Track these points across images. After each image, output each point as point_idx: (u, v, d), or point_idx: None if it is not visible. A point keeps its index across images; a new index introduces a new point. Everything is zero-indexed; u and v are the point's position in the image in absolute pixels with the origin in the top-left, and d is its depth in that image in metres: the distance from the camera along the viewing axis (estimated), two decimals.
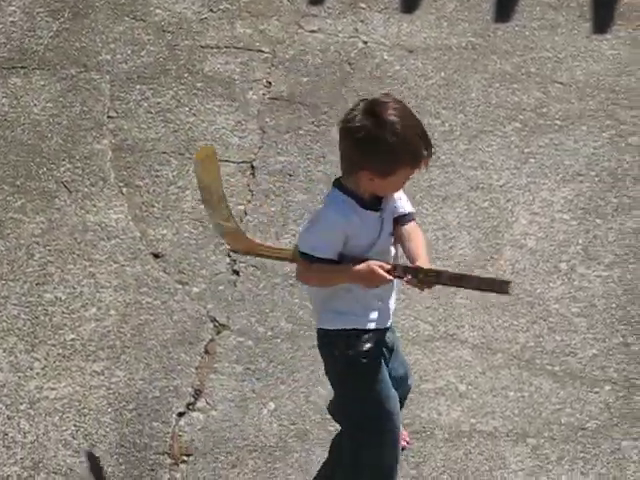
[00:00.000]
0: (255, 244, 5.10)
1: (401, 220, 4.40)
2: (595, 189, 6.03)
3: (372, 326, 4.40)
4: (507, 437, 5.28)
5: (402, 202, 4.45)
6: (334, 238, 4.21)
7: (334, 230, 4.21)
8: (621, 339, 5.60)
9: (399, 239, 4.39)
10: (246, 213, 6.04)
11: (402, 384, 4.74)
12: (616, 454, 5.20)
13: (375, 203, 4.25)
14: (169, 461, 5.08)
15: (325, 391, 5.27)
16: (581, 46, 6.65)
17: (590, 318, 5.63)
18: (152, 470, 5.07)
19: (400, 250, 4.39)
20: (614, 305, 5.70)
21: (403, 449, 4.87)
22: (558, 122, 6.28)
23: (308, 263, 4.25)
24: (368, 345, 4.42)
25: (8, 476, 5.05)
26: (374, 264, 4.16)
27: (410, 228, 4.41)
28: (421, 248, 4.36)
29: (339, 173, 5.29)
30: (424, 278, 4.19)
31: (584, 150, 6.17)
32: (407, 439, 5.04)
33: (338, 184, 4.28)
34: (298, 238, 4.38)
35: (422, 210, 5.99)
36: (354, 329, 4.39)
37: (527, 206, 5.98)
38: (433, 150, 4.17)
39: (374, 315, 4.40)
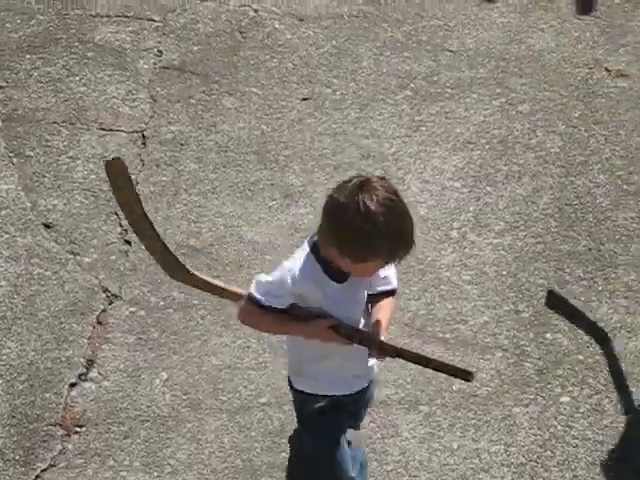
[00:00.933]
0: (197, 278, 4.79)
1: (379, 297, 4.24)
2: (485, 157, 6.09)
3: (327, 392, 4.31)
4: (399, 405, 5.33)
5: (387, 279, 4.26)
6: (288, 293, 4.07)
7: (291, 287, 4.05)
8: (511, 306, 5.68)
9: (371, 309, 4.25)
10: (137, 182, 5.93)
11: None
12: (507, 420, 5.30)
13: (344, 275, 4.06)
14: (61, 432, 5.10)
15: (218, 361, 5.35)
16: (471, 14, 6.73)
17: (481, 285, 5.70)
18: (44, 441, 5.09)
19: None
20: (505, 272, 5.78)
21: None
22: (449, 90, 6.33)
23: (257, 307, 4.10)
24: (320, 405, 4.37)
25: None
26: (324, 323, 4.05)
27: (385, 302, 4.26)
28: (382, 313, 4.20)
29: (230, 143, 5.99)
30: (382, 349, 4.09)
31: (475, 118, 6.24)
32: None
33: (313, 244, 4.07)
34: (254, 279, 4.18)
35: (314, 179, 6.07)
36: (309, 393, 4.34)
37: (418, 174, 6.02)
38: (413, 247, 3.97)
39: (331, 381, 4.31)
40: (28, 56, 6.49)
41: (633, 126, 6.24)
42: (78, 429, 5.11)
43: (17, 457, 5.06)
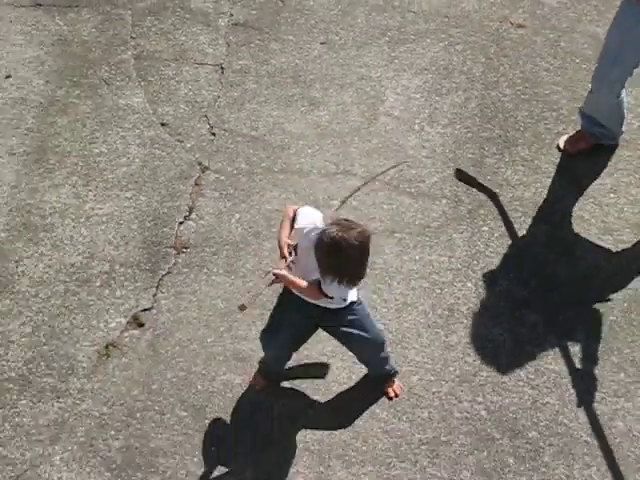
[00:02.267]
0: None
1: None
2: (435, 78, 6.06)
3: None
4: (382, 233, 5.45)
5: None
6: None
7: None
8: (452, 170, 5.80)
9: None
10: (219, 97, 6.06)
11: (361, 346, 4.43)
12: (449, 242, 5.42)
13: None
14: (174, 252, 5.27)
15: (270, 207, 5.47)
16: None
17: (433, 159, 5.70)
18: (164, 257, 5.24)
19: None
20: (447, 150, 5.82)
21: (396, 397, 4.71)
22: (412, 37, 6.31)
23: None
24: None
25: (72, 264, 5.16)
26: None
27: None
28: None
29: (276, 71, 6.19)
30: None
31: (428, 54, 6.20)
32: (398, 391, 4.69)
33: None
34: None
35: (328, 93, 6.02)
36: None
37: (393, 89, 6.01)
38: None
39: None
40: (149, 17, 6.35)
41: (527, 58, 6.16)
42: (184, 250, 5.27)
43: (148, 267, 5.18)
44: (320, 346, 4.70)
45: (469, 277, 5.14)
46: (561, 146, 5.67)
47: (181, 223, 5.34)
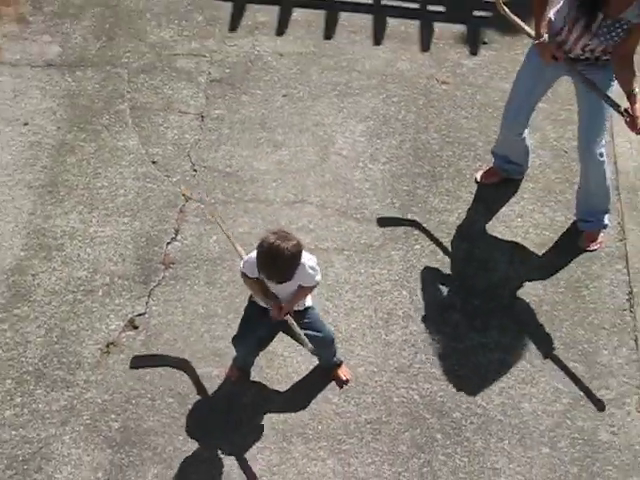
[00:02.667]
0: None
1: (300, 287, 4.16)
2: (376, 125, 6.06)
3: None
4: (334, 251, 5.58)
5: (306, 279, 4.14)
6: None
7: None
8: (389, 200, 5.77)
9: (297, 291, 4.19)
10: (199, 140, 6.05)
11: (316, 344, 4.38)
12: (387, 257, 5.42)
13: None
14: (163, 267, 5.27)
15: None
16: (367, 52, 6.56)
17: (374, 190, 5.70)
18: (155, 271, 5.26)
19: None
20: (386, 183, 5.77)
21: (346, 382, 4.78)
22: (357, 91, 6.26)
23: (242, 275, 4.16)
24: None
25: (79, 277, 5.17)
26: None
27: (300, 290, 4.17)
28: (295, 296, 4.16)
29: (246, 119, 6.05)
30: (281, 311, 4.10)
31: (371, 104, 6.18)
32: (348, 376, 4.77)
33: None
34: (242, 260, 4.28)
35: (290, 136, 5.96)
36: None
37: (342, 134, 6.02)
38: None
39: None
40: (141, 75, 6.29)
41: (450, 109, 6.18)
42: (171, 265, 5.27)
43: (141, 279, 5.20)
44: (283, 343, 4.79)
45: (404, 286, 5.22)
46: (478, 179, 5.74)
47: (168, 243, 5.36)
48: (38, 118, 5.86)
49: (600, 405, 4.75)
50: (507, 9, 5.04)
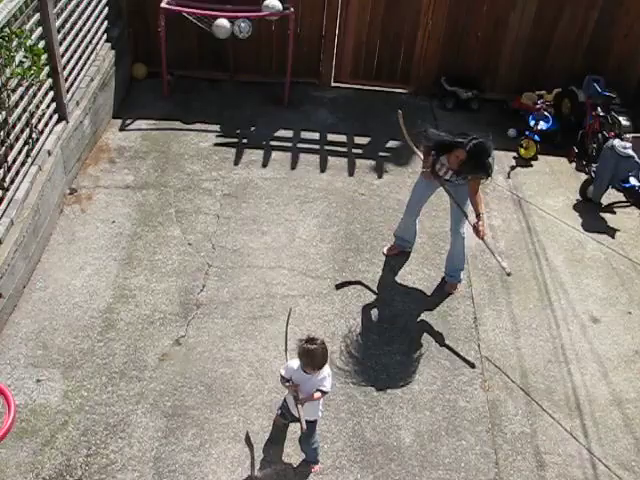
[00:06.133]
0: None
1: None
2: (322, 220, 5.91)
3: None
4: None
5: (322, 385, 3.69)
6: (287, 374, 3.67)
7: (286, 372, 3.71)
8: (330, 267, 5.50)
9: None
10: (217, 230, 5.83)
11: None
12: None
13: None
14: (195, 307, 5.11)
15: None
16: (317, 177, 6.39)
17: (322, 262, 5.53)
18: (190, 310, 5.07)
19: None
20: (327, 256, 5.59)
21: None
22: (311, 199, 6.17)
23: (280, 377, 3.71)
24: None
25: (146, 314, 4.93)
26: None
27: (316, 394, 3.69)
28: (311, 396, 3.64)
29: (248, 217, 5.92)
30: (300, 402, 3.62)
31: (319, 208, 6.07)
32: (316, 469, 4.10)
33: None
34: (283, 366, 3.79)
35: (267, 228, 5.79)
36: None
37: (302, 226, 5.96)
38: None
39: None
40: (181, 192, 6.11)
41: (366, 210, 6.09)
42: (200, 307, 5.12)
43: (182, 315, 5.02)
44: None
45: (342, 317, 5.10)
46: (385, 252, 5.69)
47: (198, 293, 5.20)
48: (120, 218, 5.83)
49: (459, 385, 4.74)
50: (411, 141, 5.19)
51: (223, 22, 6.54)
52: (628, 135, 6.20)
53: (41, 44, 4.99)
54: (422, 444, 4.28)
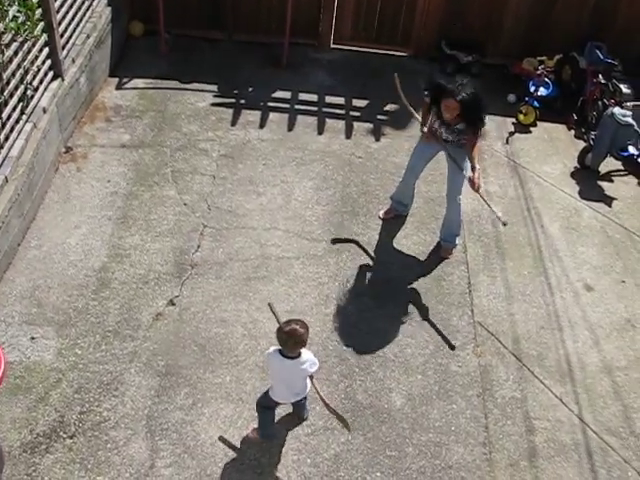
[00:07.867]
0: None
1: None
2: (319, 183, 5.96)
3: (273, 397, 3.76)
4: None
5: (312, 366, 3.61)
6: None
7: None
8: (327, 233, 5.44)
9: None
10: (212, 190, 5.78)
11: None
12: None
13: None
14: (190, 268, 5.02)
15: None
16: (314, 139, 6.32)
17: (319, 225, 5.45)
18: (185, 270, 5.02)
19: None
20: (322, 218, 5.52)
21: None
22: (308, 161, 6.07)
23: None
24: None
25: (140, 274, 4.88)
26: None
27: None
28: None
29: (244, 177, 5.82)
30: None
31: (316, 170, 6.09)
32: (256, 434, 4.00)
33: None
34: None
35: (264, 189, 5.73)
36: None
37: (298, 187, 5.92)
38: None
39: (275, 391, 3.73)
40: (178, 152, 6.07)
41: (363, 173, 6.11)
42: (195, 267, 5.03)
43: (176, 275, 5.00)
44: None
45: (336, 280, 5.08)
46: (380, 215, 5.65)
47: (193, 253, 5.16)
48: (116, 177, 5.77)
49: (451, 349, 4.74)
50: (408, 104, 5.08)
51: None
52: (629, 103, 6.07)
53: None
54: (413, 407, 4.27)
